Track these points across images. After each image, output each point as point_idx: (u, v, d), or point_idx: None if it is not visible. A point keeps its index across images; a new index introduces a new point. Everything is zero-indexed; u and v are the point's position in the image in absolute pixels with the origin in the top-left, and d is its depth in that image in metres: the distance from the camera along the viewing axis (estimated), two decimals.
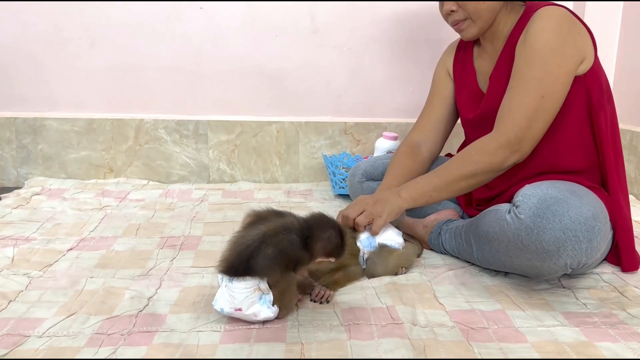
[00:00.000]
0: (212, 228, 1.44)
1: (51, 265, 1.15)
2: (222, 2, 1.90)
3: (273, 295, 0.88)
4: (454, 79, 1.35)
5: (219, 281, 0.90)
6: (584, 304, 0.99)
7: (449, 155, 1.48)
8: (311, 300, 0.98)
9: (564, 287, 1.07)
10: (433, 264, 1.19)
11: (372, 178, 1.48)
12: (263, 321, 0.89)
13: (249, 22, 1.93)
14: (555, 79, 1.07)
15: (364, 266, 1.12)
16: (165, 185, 1.94)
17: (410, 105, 2.02)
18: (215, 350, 0.82)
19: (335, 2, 1.93)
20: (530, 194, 0.98)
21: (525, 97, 1.07)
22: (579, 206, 0.93)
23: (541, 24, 1.08)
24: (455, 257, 1.22)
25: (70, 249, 1.25)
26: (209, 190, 1.87)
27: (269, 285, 0.87)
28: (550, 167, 1.15)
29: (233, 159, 2.00)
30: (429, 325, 0.90)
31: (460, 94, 1.33)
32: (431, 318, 0.93)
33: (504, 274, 1.13)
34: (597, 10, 1.90)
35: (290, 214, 0.96)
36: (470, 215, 1.31)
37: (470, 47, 1.31)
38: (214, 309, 0.90)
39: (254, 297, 0.86)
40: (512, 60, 1.13)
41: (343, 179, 1.77)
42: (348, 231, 1.03)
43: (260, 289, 0.86)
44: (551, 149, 1.14)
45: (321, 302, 0.98)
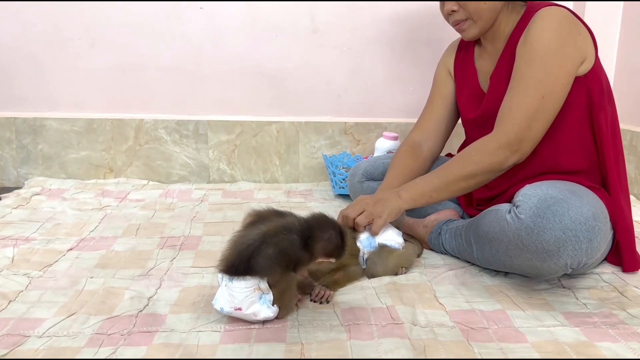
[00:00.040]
0: (212, 228, 1.44)
1: (51, 265, 1.15)
2: (222, 2, 1.90)
3: (273, 295, 0.88)
4: (454, 78, 1.35)
5: (219, 280, 0.89)
6: (584, 304, 0.99)
7: (450, 155, 1.48)
8: (311, 300, 0.98)
9: (564, 287, 1.07)
10: (433, 264, 1.19)
11: (373, 178, 1.48)
12: (263, 321, 0.89)
13: (249, 22, 1.93)
14: (555, 79, 1.07)
15: (364, 266, 1.12)
16: (165, 185, 1.94)
17: (410, 105, 2.02)
18: (215, 350, 0.82)
19: (335, 2, 1.93)
20: (531, 194, 0.98)
21: (526, 98, 1.07)
22: (579, 206, 0.93)
23: (542, 24, 1.08)
24: (456, 257, 1.22)
25: (70, 249, 1.25)
26: (209, 190, 1.87)
27: (269, 285, 0.87)
28: (550, 167, 1.15)
29: (233, 159, 2.00)
30: (429, 325, 0.90)
31: (461, 94, 1.33)
32: (431, 318, 0.93)
33: (504, 274, 1.13)
34: (597, 10, 1.90)
35: (291, 214, 0.96)
36: (470, 215, 1.31)
37: (471, 47, 1.31)
38: (214, 309, 0.90)
39: (253, 296, 0.86)
40: (513, 61, 1.13)
41: (343, 179, 1.77)
42: (348, 231, 1.03)
43: (260, 289, 0.86)
44: (551, 149, 1.14)
45: (321, 302, 0.98)
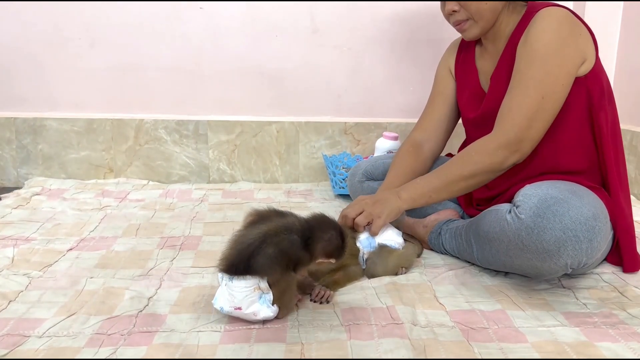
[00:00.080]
0: (212, 228, 1.44)
1: (51, 265, 1.15)
2: (222, 2, 1.90)
3: (273, 294, 0.88)
4: (455, 77, 1.35)
5: (219, 280, 0.89)
6: (584, 304, 0.99)
7: (450, 155, 1.47)
8: (311, 300, 0.98)
9: (564, 287, 1.07)
10: (433, 264, 1.19)
11: (373, 178, 1.48)
12: (262, 320, 0.89)
13: (249, 22, 1.93)
14: (555, 80, 1.07)
15: (363, 266, 1.12)
16: (165, 185, 1.94)
17: (410, 105, 2.02)
18: (215, 350, 0.82)
19: (335, 2, 1.93)
20: (531, 194, 0.98)
21: (526, 98, 1.07)
22: (579, 206, 0.93)
23: (542, 24, 1.08)
24: (456, 257, 1.22)
25: (70, 249, 1.25)
26: (209, 190, 1.87)
27: (269, 284, 0.87)
28: (550, 167, 1.15)
29: (233, 159, 2.00)
30: (429, 325, 0.90)
31: (461, 93, 1.33)
32: (431, 318, 0.93)
33: (504, 274, 1.13)
34: (597, 10, 1.90)
35: (291, 214, 0.96)
36: (470, 215, 1.31)
37: (472, 47, 1.31)
38: (214, 309, 0.90)
39: (253, 296, 0.86)
40: (513, 61, 1.13)
41: (343, 179, 1.77)
42: (348, 232, 1.03)
43: (260, 288, 0.86)
44: (551, 149, 1.14)
45: (321, 302, 0.98)
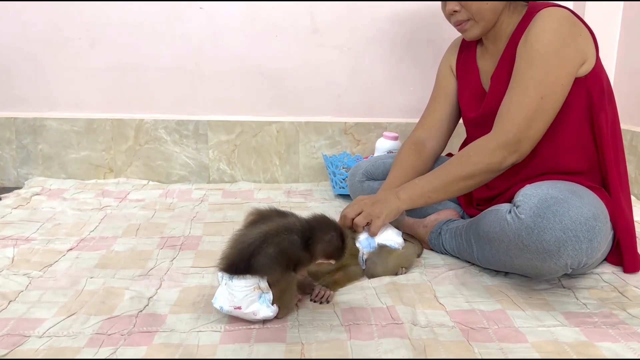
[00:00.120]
0: (212, 228, 1.44)
1: (51, 265, 1.15)
2: (222, 2, 1.90)
3: (273, 294, 0.88)
4: (457, 76, 1.35)
5: (219, 279, 0.89)
6: (584, 304, 0.99)
7: (450, 155, 1.47)
8: (311, 300, 0.98)
9: (564, 287, 1.07)
10: (433, 264, 1.19)
11: (373, 178, 1.48)
12: (262, 320, 0.89)
13: (249, 22, 1.93)
14: (555, 80, 1.06)
15: (363, 267, 1.12)
16: (165, 185, 1.94)
17: (410, 105, 2.02)
18: (215, 350, 0.82)
19: (335, 2, 1.93)
20: (531, 194, 0.98)
21: (525, 98, 1.07)
22: (579, 206, 0.93)
23: (542, 25, 1.08)
24: (456, 257, 1.22)
25: (70, 249, 1.25)
26: (209, 190, 1.87)
27: (269, 284, 0.87)
28: (550, 167, 1.15)
29: (233, 159, 2.00)
30: (429, 325, 0.90)
31: (463, 93, 1.33)
32: (431, 318, 0.93)
33: (504, 274, 1.13)
34: (597, 10, 1.90)
35: (292, 215, 0.96)
36: (470, 215, 1.31)
37: (474, 46, 1.31)
38: (214, 309, 0.90)
39: (253, 295, 0.86)
40: (514, 61, 1.13)
41: (343, 179, 1.77)
42: (348, 232, 1.03)
43: (260, 288, 0.86)
44: (552, 149, 1.14)
45: (321, 302, 0.98)
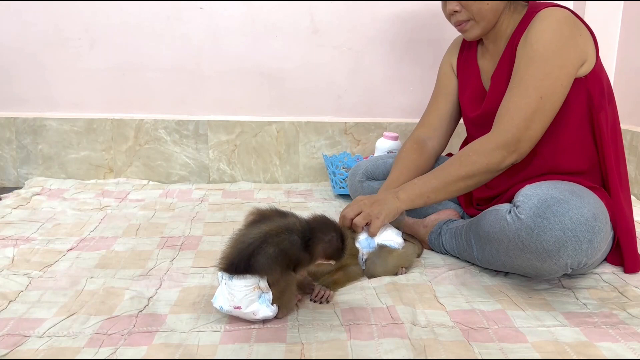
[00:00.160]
0: (212, 228, 1.44)
1: (51, 265, 1.15)
2: (222, 2, 1.90)
3: (272, 294, 0.88)
4: (457, 76, 1.35)
5: (218, 279, 0.89)
6: (584, 304, 0.99)
7: (450, 154, 1.47)
8: (311, 300, 0.98)
9: (564, 287, 1.07)
10: (433, 264, 1.19)
11: (373, 177, 1.48)
12: (262, 320, 0.89)
13: (249, 22, 1.93)
14: (554, 80, 1.06)
15: (363, 267, 1.12)
16: (165, 185, 1.94)
17: (410, 105, 2.02)
18: (216, 350, 0.82)
19: (335, 2, 1.93)
20: (531, 194, 0.98)
21: (524, 98, 1.07)
22: (579, 206, 0.93)
23: (542, 25, 1.08)
24: (456, 257, 1.22)
25: (70, 249, 1.25)
26: (209, 191, 1.87)
27: (269, 284, 0.87)
28: (551, 167, 1.15)
29: (233, 159, 2.00)
30: (429, 326, 0.90)
31: (463, 92, 1.33)
32: (431, 318, 0.93)
33: (504, 274, 1.13)
34: (597, 10, 1.90)
35: (292, 215, 0.96)
36: (470, 215, 1.31)
37: (474, 46, 1.31)
38: (214, 309, 0.90)
39: (253, 295, 0.86)
40: (514, 61, 1.13)
41: (343, 179, 1.77)
42: (348, 233, 1.03)
43: (260, 288, 0.86)
44: (552, 149, 1.14)
45: (321, 302, 0.98)
